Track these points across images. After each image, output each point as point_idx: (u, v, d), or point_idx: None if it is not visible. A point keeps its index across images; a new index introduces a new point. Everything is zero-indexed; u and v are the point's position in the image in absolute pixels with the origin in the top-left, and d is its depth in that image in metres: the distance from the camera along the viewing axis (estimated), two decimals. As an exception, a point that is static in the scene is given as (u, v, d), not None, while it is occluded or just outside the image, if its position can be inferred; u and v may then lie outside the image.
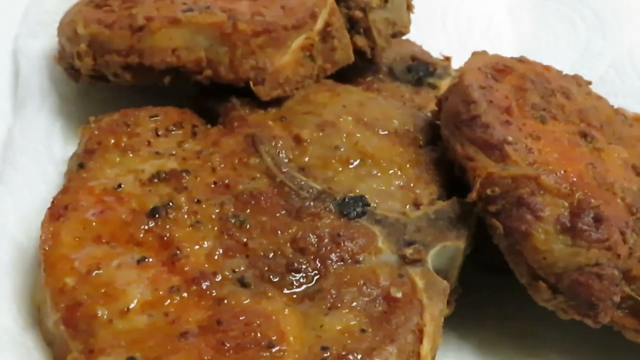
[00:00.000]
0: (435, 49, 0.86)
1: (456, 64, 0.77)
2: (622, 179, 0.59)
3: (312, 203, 0.55)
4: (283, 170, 0.57)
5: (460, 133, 0.57)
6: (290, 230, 0.53)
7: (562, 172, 0.54)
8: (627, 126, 0.69)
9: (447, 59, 0.81)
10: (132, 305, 0.48)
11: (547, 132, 0.58)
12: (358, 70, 0.74)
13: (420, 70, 0.76)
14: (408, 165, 0.59)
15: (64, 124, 0.68)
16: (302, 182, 0.56)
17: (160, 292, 0.49)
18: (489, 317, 0.60)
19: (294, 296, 0.50)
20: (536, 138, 0.56)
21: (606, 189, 0.56)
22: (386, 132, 0.61)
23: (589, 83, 0.72)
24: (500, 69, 0.62)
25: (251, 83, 0.62)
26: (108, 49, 0.63)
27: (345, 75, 0.71)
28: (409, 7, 0.74)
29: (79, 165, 0.58)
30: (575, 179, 0.54)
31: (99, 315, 0.48)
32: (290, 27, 0.63)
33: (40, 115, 0.67)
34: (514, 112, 0.58)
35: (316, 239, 0.53)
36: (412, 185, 0.58)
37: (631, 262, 0.53)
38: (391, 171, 0.59)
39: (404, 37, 0.82)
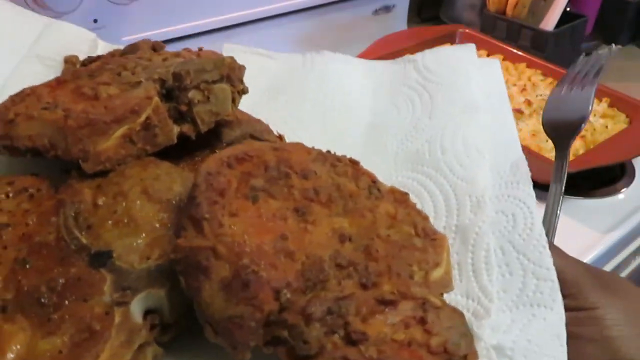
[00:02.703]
0: (300, 126, 0.88)
1: (311, 139, 0.75)
2: (315, 247, 0.58)
3: (75, 254, 0.59)
4: (67, 227, 0.61)
5: (184, 208, 0.60)
6: (52, 273, 0.58)
7: (241, 242, 0.55)
8: (372, 199, 0.67)
9: (280, 137, 0.82)
10: None
11: (251, 209, 0.58)
12: (206, 142, 0.77)
13: (253, 146, 0.77)
14: (160, 227, 0.61)
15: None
16: (75, 238, 0.60)
17: (-50, 311, 0.56)
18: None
19: (33, 322, 0.55)
20: (234, 215, 0.57)
21: (284, 256, 0.56)
22: (158, 200, 0.63)
23: (355, 163, 0.71)
24: (240, 157, 0.62)
25: (80, 161, 0.67)
26: (-8, 133, 0.70)
27: (192, 147, 0.75)
28: (234, 101, 0.76)
29: (-51, 217, 0.65)
30: (249, 249, 0.55)
31: None
32: (109, 121, 0.67)
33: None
34: (228, 194, 0.59)
35: (63, 281, 0.57)
36: (154, 243, 0.60)
37: (287, 314, 0.54)
38: (144, 233, 0.60)
39: (258, 117, 0.85)
